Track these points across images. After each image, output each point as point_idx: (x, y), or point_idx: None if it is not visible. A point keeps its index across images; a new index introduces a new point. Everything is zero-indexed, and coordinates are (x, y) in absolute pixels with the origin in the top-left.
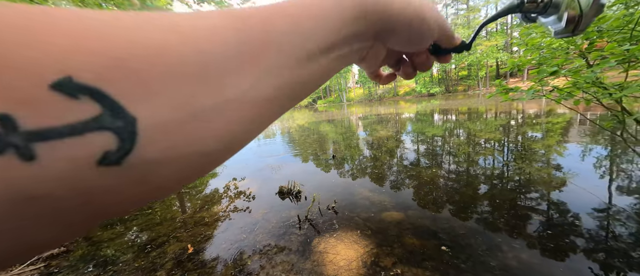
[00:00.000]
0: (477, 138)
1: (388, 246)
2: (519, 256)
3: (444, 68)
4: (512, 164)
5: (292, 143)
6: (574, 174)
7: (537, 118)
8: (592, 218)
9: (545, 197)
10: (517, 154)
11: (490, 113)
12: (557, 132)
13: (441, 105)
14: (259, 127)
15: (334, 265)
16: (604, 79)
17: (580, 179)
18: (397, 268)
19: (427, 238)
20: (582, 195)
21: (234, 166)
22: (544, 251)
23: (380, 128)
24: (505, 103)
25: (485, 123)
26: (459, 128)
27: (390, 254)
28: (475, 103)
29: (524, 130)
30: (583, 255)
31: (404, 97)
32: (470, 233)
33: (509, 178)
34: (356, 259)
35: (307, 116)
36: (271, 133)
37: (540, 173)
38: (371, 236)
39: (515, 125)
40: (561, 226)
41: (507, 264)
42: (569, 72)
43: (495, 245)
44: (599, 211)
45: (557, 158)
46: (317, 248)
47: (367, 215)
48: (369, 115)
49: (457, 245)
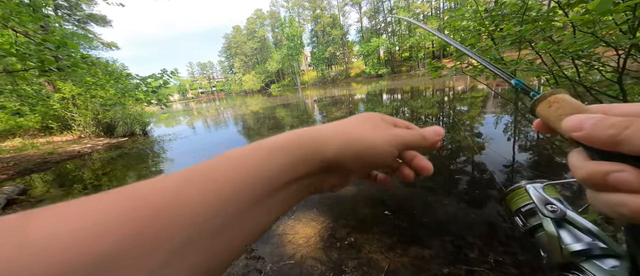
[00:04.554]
0: (418, 113)
1: (343, 219)
2: (447, 210)
3: (389, 50)
4: (447, 134)
5: (245, 130)
6: (490, 139)
7: (464, 94)
8: (502, 173)
9: (470, 160)
10: (450, 126)
11: (429, 91)
12: (478, 105)
13: (388, 86)
14: None
15: (293, 244)
16: (506, 58)
17: (494, 143)
18: (351, 237)
19: (376, 206)
20: (495, 156)
21: (180, 159)
22: (467, 204)
23: (335, 110)
24: (440, 82)
25: (424, 100)
26: (404, 106)
27: (345, 225)
28: (416, 82)
29: (454, 105)
30: (494, 202)
31: (356, 78)
32: (410, 197)
33: (444, 147)
34: (314, 235)
35: (260, 101)
36: (222, 122)
37: (467, 140)
38: (327, 212)
39: (448, 100)
40: (480, 183)
41: (437, 218)
42: (479, 51)
43: (428, 204)
44: (506, 167)
45: (479, 126)
46: (276, 231)
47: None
48: (324, 98)
49: (399, 208)
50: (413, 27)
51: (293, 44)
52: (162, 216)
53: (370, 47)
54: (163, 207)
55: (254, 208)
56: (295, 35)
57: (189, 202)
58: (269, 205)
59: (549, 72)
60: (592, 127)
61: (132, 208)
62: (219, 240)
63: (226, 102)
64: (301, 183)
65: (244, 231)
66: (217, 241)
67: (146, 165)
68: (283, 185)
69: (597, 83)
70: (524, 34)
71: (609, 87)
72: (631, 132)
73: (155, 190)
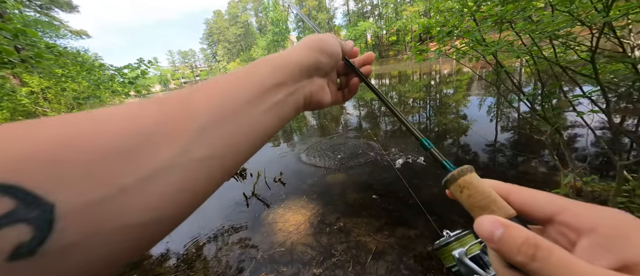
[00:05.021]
0: (406, 98)
1: (332, 205)
2: (432, 192)
3: (376, 34)
4: (433, 118)
5: None
6: (474, 121)
7: (449, 77)
8: (485, 153)
9: (455, 142)
10: (436, 109)
11: (416, 75)
12: (463, 88)
13: (376, 71)
14: (203, 187)
15: (284, 232)
16: (488, 40)
17: (478, 124)
18: (340, 222)
19: (364, 191)
20: (478, 138)
21: None
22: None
23: None
24: (427, 66)
25: (412, 85)
26: (392, 91)
27: (334, 211)
28: (404, 66)
29: (441, 88)
30: None
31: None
32: (396, 181)
33: (431, 130)
34: (304, 222)
35: None
36: None
37: (453, 123)
38: (317, 199)
39: (434, 84)
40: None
41: (422, 199)
42: (461, 32)
43: (414, 186)
44: (489, 147)
45: (464, 109)
46: (267, 220)
47: (312, 180)
48: None
49: (386, 192)
50: (400, 10)
51: (278, 29)
52: (181, 108)
53: (357, 31)
54: (181, 101)
55: (249, 107)
56: (280, 19)
57: (200, 100)
58: (262, 107)
59: (528, 53)
60: (501, 243)
61: (159, 102)
62: (227, 129)
63: None
64: (286, 88)
65: (244, 126)
66: (225, 128)
67: None
68: (269, 88)
69: (572, 63)
70: (505, 14)
71: (583, 66)
72: (537, 266)
73: (172, 95)
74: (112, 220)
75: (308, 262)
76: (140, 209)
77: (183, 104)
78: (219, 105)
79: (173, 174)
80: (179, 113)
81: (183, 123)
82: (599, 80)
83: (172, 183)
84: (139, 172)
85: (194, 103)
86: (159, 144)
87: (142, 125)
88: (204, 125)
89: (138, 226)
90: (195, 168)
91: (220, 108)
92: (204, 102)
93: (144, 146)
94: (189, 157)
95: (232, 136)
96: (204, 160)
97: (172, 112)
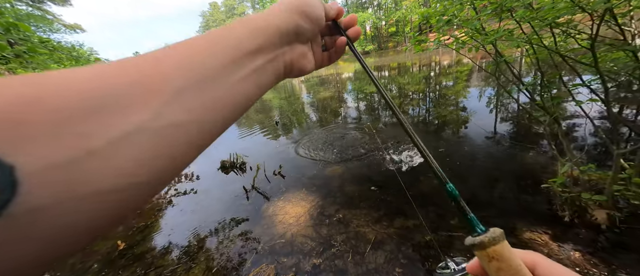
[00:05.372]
0: (405, 90)
1: (331, 197)
2: (431, 183)
3: (376, 25)
4: (432, 110)
5: None
6: (474, 112)
7: (449, 68)
8: (484, 144)
9: (455, 134)
10: (436, 101)
11: (415, 67)
12: (463, 79)
13: (375, 62)
14: (181, 153)
15: (284, 224)
16: (488, 29)
17: (478, 116)
18: (339, 214)
19: (362, 183)
20: (477, 129)
21: None
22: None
23: (323, 90)
24: (426, 57)
25: (411, 76)
26: (391, 83)
27: (333, 203)
28: (403, 58)
29: (440, 80)
30: (476, 172)
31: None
32: (395, 172)
33: (430, 122)
34: (304, 214)
35: None
36: None
37: (452, 115)
38: (316, 191)
39: (434, 75)
40: (463, 155)
41: (421, 191)
42: (460, 21)
43: (414, 178)
44: (489, 139)
45: (463, 100)
46: (267, 212)
47: (312, 173)
48: (311, 77)
49: (385, 184)
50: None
51: None
52: (154, 69)
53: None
54: (153, 62)
55: (226, 72)
56: None
57: (173, 63)
58: (240, 74)
59: (528, 42)
60: None
61: (130, 62)
62: (204, 94)
63: None
64: (264, 55)
65: (222, 92)
66: (202, 94)
67: None
68: (247, 53)
69: (572, 51)
70: (505, 2)
71: (583, 55)
72: None
73: (143, 56)
74: (84, 184)
75: (308, 253)
76: (114, 174)
77: (155, 65)
78: (193, 69)
79: (147, 138)
80: (151, 75)
81: (156, 85)
82: (598, 68)
83: (147, 148)
84: (109, 134)
85: (167, 66)
86: (130, 106)
87: (112, 85)
88: (178, 89)
89: (114, 192)
90: (172, 134)
91: (195, 73)
92: (178, 63)
93: (114, 107)
94: (165, 121)
95: (210, 102)
96: (182, 126)
97: (144, 72)
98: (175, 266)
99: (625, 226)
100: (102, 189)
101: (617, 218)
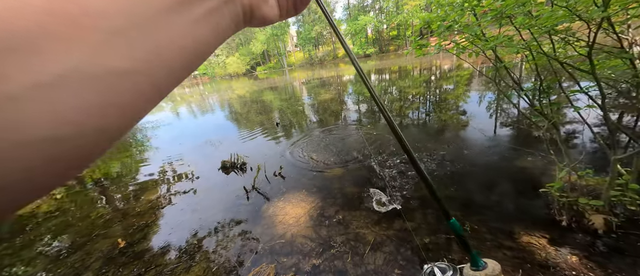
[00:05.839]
0: (406, 93)
1: (331, 198)
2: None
3: (377, 28)
4: (433, 114)
5: (232, 115)
6: (473, 116)
7: (449, 72)
8: (484, 148)
9: (455, 137)
10: (436, 105)
11: (416, 71)
12: (463, 84)
13: (376, 66)
14: (130, 103)
15: (284, 224)
16: (488, 35)
17: (477, 120)
18: (339, 215)
19: (362, 185)
20: (477, 133)
21: (166, 146)
22: (449, 178)
23: (324, 92)
24: (427, 61)
25: (412, 80)
26: (392, 86)
27: (333, 204)
28: (404, 61)
29: (441, 84)
30: (474, 176)
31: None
32: (395, 174)
33: (430, 126)
34: (304, 214)
35: (246, 85)
36: (208, 108)
37: (452, 119)
38: (316, 192)
39: (434, 79)
40: (463, 158)
41: (420, 193)
42: (461, 27)
43: (412, 179)
44: (488, 143)
45: (463, 104)
46: (267, 212)
47: (312, 174)
48: (312, 79)
49: (387, 185)
50: (401, 4)
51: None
52: (80, 8)
53: (358, 26)
54: None
55: (175, 11)
56: None
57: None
58: (192, 15)
59: (527, 48)
60: None
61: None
62: (150, 39)
63: (211, 86)
64: None
65: (173, 37)
66: (148, 38)
67: (129, 153)
68: None
69: (569, 58)
70: (505, 9)
71: (582, 62)
72: None
73: None
74: (10, 131)
75: (308, 253)
76: (49, 121)
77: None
78: (136, 5)
79: (84, 84)
80: (79, 16)
81: (90, 21)
82: (595, 75)
83: (86, 96)
84: (31, 78)
85: (97, 3)
86: (60, 43)
87: (30, 20)
88: (114, 30)
89: (53, 141)
90: (116, 82)
91: (138, 11)
92: (110, 3)
93: (36, 45)
94: (103, 67)
95: (158, 48)
96: (127, 75)
97: (68, 9)
98: (176, 265)
99: (621, 231)
100: (36, 137)
101: (613, 223)
